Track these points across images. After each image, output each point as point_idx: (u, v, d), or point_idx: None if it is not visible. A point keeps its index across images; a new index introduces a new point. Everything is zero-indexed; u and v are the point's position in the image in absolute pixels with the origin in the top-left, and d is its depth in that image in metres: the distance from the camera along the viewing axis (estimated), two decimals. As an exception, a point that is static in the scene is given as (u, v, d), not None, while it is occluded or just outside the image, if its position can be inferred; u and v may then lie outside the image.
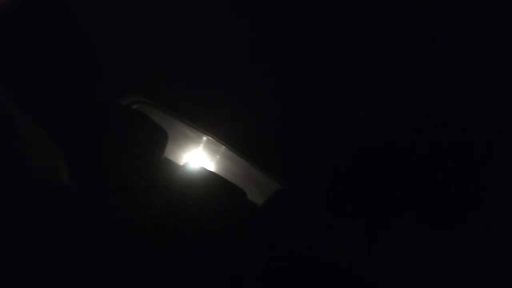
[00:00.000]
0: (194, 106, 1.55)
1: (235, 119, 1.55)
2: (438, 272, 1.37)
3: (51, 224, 0.75)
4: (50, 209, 0.71)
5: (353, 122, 1.40)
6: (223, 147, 1.56)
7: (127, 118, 1.20)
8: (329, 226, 1.36)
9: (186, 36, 1.46)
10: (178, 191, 1.23)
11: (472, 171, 1.34)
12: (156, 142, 1.21)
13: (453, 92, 1.25)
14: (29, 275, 0.72)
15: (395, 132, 1.36)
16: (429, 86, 1.26)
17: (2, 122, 0.67)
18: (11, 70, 1.20)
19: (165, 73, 1.53)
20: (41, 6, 1.32)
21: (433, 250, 1.37)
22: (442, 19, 1.11)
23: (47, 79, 1.31)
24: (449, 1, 1.08)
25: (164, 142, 1.24)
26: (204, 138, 1.57)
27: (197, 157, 1.58)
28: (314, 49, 1.33)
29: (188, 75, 1.52)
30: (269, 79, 1.46)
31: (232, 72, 1.49)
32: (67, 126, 1.18)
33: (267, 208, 1.26)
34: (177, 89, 1.55)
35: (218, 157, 1.58)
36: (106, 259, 0.97)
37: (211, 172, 1.36)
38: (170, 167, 1.37)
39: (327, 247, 1.31)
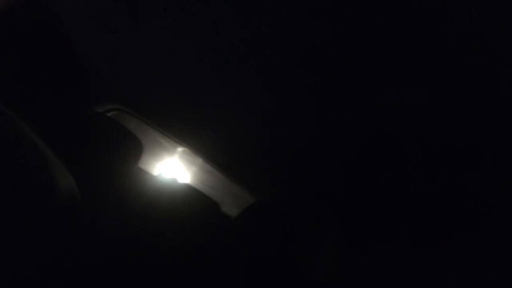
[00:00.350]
0: (172, 117, 1.54)
1: (213, 131, 1.55)
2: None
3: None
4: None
5: (334, 135, 1.39)
6: (200, 159, 1.55)
7: (100, 125, 1.18)
8: (307, 239, 1.35)
9: (169, 45, 1.46)
10: (150, 201, 1.21)
11: (460, 192, 1.34)
12: (129, 151, 1.19)
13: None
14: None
15: (378, 144, 1.36)
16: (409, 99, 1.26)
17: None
18: None
19: (148, 83, 1.52)
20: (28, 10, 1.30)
21: (416, 268, 1.37)
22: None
23: (25, 80, 1.29)
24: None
25: (138, 152, 1.22)
26: (181, 149, 1.55)
27: (173, 168, 1.56)
28: (295, 59, 1.33)
29: (171, 85, 1.52)
30: (251, 91, 1.46)
31: (214, 84, 1.49)
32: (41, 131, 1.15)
33: (240, 221, 1.25)
34: (158, 99, 1.54)
35: (194, 168, 1.56)
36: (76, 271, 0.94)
37: (185, 183, 1.35)
38: (144, 177, 1.35)
39: (304, 260, 1.31)
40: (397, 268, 1.33)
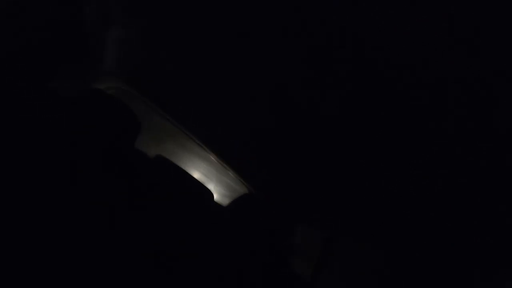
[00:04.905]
0: (175, 100, 1.53)
1: (215, 120, 1.53)
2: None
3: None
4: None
5: (333, 134, 1.38)
6: (198, 145, 1.54)
7: (99, 102, 1.16)
8: (295, 237, 1.34)
9: (183, 32, 1.44)
10: (144, 184, 1.20)
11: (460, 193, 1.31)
12: (126, 130, 1.17)
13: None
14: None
15: (377, 144, 1.33)
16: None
17: None
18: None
19: (157, 65, 1.51)
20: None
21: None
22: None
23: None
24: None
25: (135, 132, 1.21)
26: (179, 133, 1.54)
27: (170, 151, 1.55)
28: (303, 51, 1.31)
29: (180, 70, 1.50)
30: (256, 86, 1.44)
31: (221, 75, 1.47)
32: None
33: (231, 211, 1.24)
34: (165, 82, 1.53)
35: (191, 154, 1.55)
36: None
37: (181, 169, 1.33)
38: (140, 158, 1.34)
39: (287, 255, 1.30)
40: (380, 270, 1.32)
